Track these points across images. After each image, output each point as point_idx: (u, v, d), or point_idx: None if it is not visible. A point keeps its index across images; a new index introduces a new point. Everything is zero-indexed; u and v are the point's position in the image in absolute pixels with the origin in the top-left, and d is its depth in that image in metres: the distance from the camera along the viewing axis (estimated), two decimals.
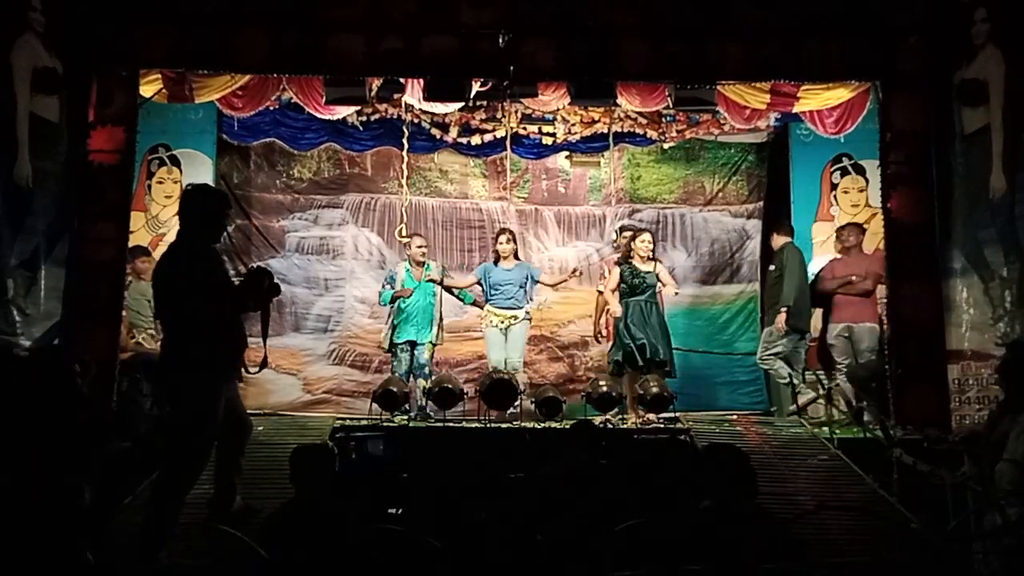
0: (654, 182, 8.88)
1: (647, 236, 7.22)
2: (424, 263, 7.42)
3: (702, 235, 8.77)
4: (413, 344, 7.27)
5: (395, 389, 6.83)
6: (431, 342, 7.29)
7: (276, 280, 4.65)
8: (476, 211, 8.79)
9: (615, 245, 7.92)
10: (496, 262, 7.37)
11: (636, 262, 7.16)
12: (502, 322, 7.24)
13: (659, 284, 7.25)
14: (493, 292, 7.27)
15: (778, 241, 7.51)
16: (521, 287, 7.30)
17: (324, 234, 8.61)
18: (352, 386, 8.35)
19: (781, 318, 6.98)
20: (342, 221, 8.65)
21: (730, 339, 8.31)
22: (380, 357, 8.24)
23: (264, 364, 4.89)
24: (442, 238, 8.48)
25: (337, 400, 8.25)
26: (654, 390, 6.75)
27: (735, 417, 7.57)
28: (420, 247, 7.45)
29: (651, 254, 7.17)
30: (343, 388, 8.36)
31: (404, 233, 7.86)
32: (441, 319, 7.41)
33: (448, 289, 7.37)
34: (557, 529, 3.70)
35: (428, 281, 7.13)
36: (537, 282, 7.41)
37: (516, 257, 7.39)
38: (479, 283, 7.40)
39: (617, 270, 7.23)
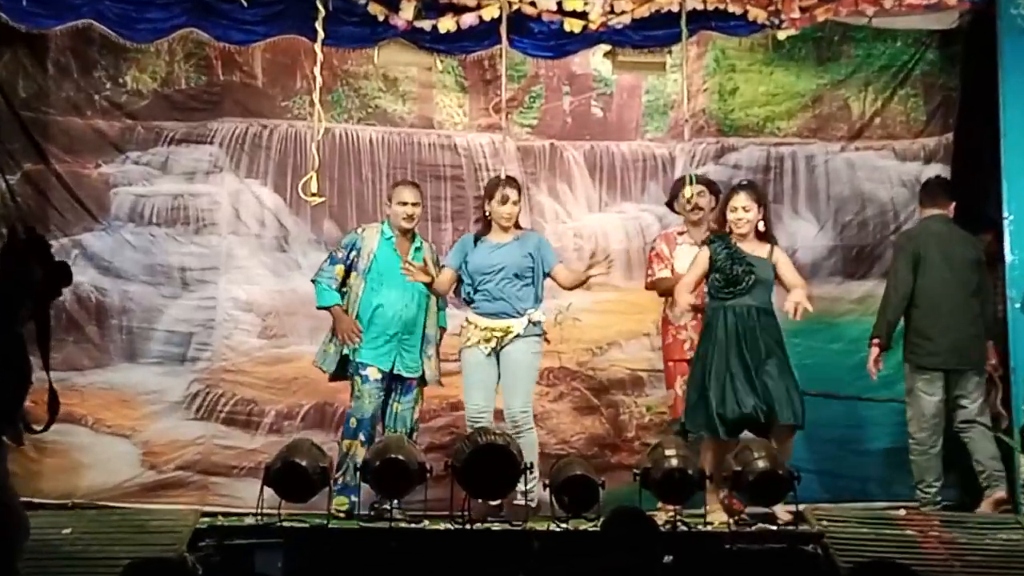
0: (760, 99, 9.00)
1: (745, 199, 7.34)
2: (413, 232, 7.76)
3: (845, 192, 8.88)
4: (395, 379, 7.64)
5: (303, 462, 6.92)
6: (421, 378, 7.69)
7: (62, 261, 4.78)
8: (448, 149, 8.93)
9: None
10: (480, 236, 7.60)
11: (734, 239, 7.37)
12: (487, 340, 7.43)
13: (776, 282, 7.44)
14: (475, 288, 7.54)
15: (923, 213, 8.03)
16: (524, 277, 7.48)
17: (180, 189, 8.76)
18: (229, 457, 8.53)
19: (871, 356, 7.66)
20: (212, 167, 8.78)
21: (892, 376, 8.23)
22: (277, 406, 8.56)
23: (53, 413, 4.95)
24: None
25: (203, 481, 8.47)
26: (760, 465, 6.82)
27: (903, 513, 7.62)
28: (406, 204, 7.71)
29: (757, 230, 7.31)
30: (213, 461, 8.53)
31: (314, 190, 8.00)
32: (439, 340, 7.81)
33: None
34: None
35: (405, 271, 7.44)
36: (547, 274, 7.60)
37: (518, 226, 7.59)
38: (460, 279, 7.69)
39: (705, 251, 7.35)
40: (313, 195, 8.03)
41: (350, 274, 7.72)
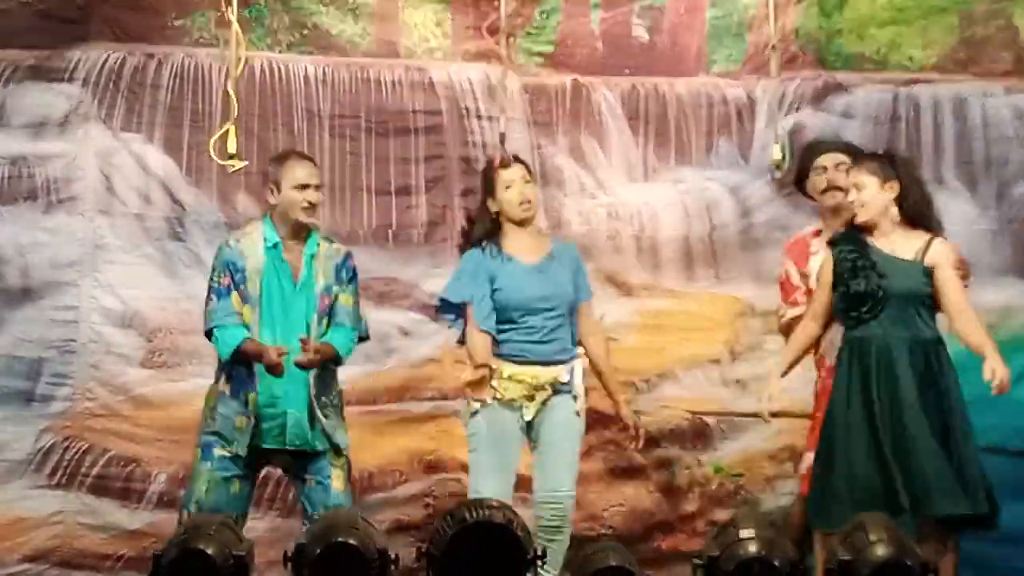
0: (882, 14, 8.36)
1: (873, 176, 6.52)
2: (310, 230, 6.84)
3: (1013, 152, 8.11)
4: (282, 456, 6.67)
5: (209, 549, 5.52)
6: (335, 449, 6.69)
7: None
8: (420, 88, 8.24)
9: (773, 175, 7.77)
10: (491, 244, 6.81)
11: (866, 235, 6.67)
12: (530, 399, 6.80)
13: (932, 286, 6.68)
14: (509, 329, 6.79)
15: None
16: (564, 314, 6.75)
17: (23, 149, 7.95)
18: (99, 542, 7.71)
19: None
20: (71, 115, 7.98)
21: None
22: (170, 467, 7.81)
23: None
24: (333, 164, 7.98)
25: None
26: (879, 552, 5.46)
27: None
28: (307, 187, 6.69)
29: (906, 215, 6.57)
30: (77, 548, 7.73)
31: (233, 149, 7.21)
32: (333, 388, 6.76)
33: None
34: None
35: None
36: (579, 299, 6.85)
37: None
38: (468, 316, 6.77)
39: (828, 257, 6.72)
40: (231, 157, 7.19)
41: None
